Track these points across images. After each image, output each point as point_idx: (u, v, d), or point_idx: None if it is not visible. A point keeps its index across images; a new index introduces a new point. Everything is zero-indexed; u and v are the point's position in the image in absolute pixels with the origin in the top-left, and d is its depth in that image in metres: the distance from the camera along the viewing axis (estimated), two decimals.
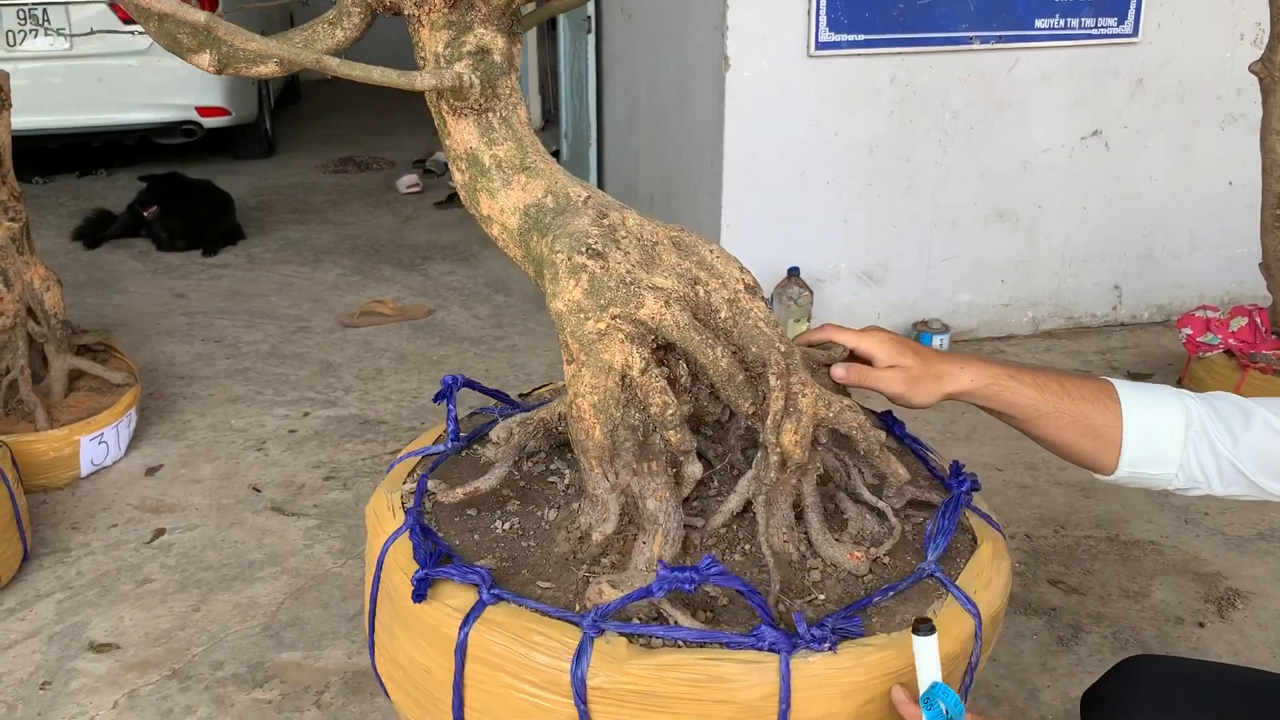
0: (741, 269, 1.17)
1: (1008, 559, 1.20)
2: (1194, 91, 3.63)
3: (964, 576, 1.13)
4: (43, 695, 1.99)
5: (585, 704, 0.97)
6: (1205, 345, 3.06)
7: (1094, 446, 1.21)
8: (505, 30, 1.17)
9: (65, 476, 2.74)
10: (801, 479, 1.13)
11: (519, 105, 1.21)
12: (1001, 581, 1.15)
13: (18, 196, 2.79)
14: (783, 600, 1.07)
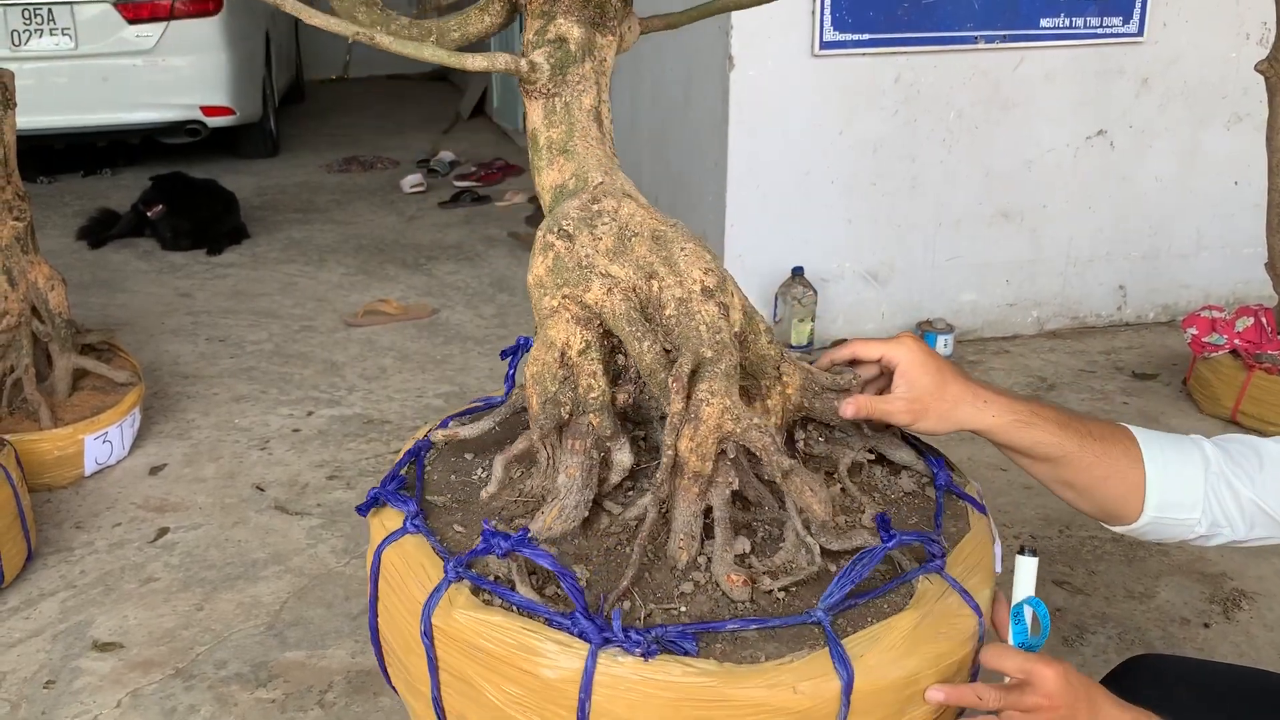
0: (706, 271, 1.15)
1: (945, 639, 1.03)
2: (1199, 91, 3.62)
3: (857, 638, 1.00)
4: (46, 694, 1.99)
5: (430, 639, 1.04)
6: (1211, 345, 3.05)
7: (1117, 491, 1.16)
8: (586, 22, 1.21)
9: (69, 475, 2.74)
10: (708, 490, 1.11)
11: (586, 93, 1.23)
12: (913, 664, 1.00)
13: (22, 196, 2.79)
14: (636, 600, 1.06)
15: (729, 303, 1.16)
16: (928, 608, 1.03)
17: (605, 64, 1.23)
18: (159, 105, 5.98)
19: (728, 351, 1.12)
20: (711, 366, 1.10)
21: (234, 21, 6.16)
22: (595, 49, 1.22)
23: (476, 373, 3.49)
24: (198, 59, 5.97)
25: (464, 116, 8.53)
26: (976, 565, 1.12)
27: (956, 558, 1.12)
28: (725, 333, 1.13)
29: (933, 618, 1.03)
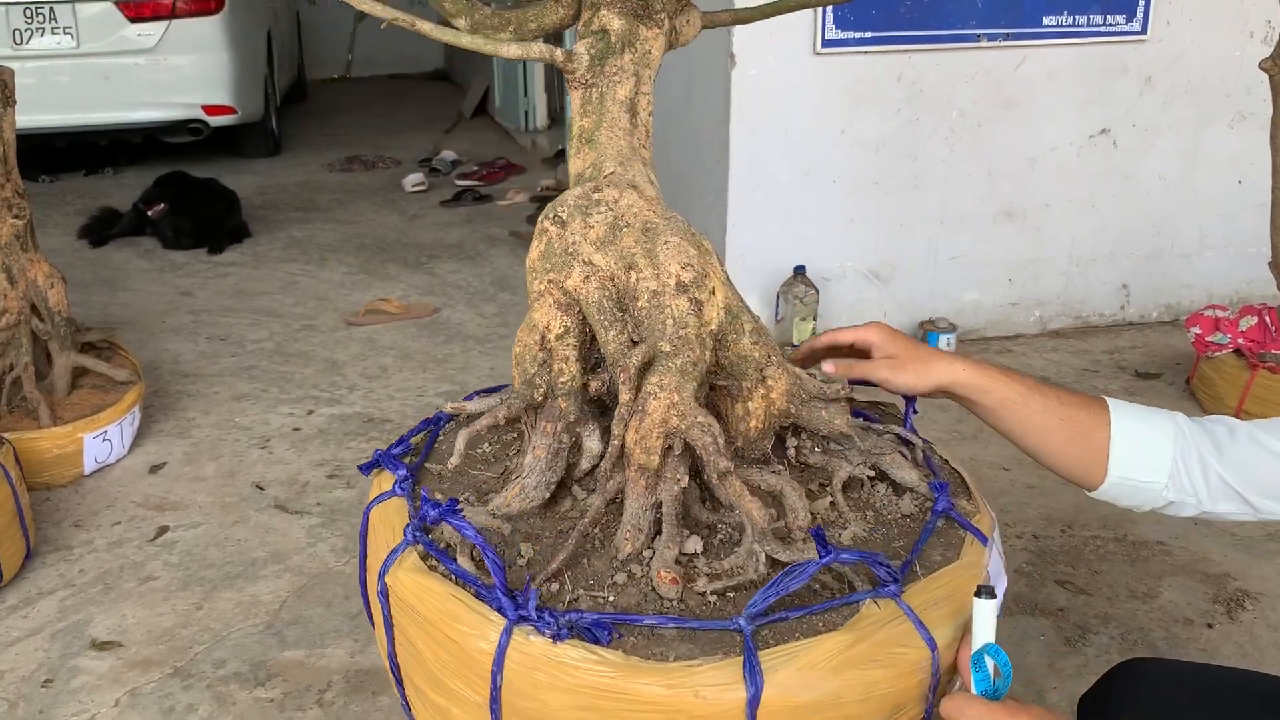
0: (684, 266, 1.15)
1: (881, 668, 0.99)
2: (1203, 89, 3.60)
3: (778, 651, 0.97)
4: (44, 693, 1.98)
5: (386, 598, 1.11)
6: (1214, 345, 3.04)
7: (1083, 452, 1.21)
8: (628, 14, 1.22)
9: (69, 474, 2.73)
10: (656, 484, 1.10)
11: (622, 84, 1.23)
12: (835, 687, 0.97)
13: (22, 194, 2.79)
14: (566, 583, 1.07)
15: (704, 299, 1.15)
16: (865, 632, 0.99)
17: (649, 57, 1.24)
18: (161, 104, 5.98)
19: (688, 347, 1.11)
20: (666, 361, 1.10)
21: (236, 20, 6.16)
22: (637, 41, 1.23)
23: (478, 371, 3.48)
24: (199, 58, 5.98)
25: (466, 116, 8.53)
26: (946, 598, 1.06)
27: (925, 587, 1.06)
28: (692, 329, 1.13)
29: (872, 644, 0.99)
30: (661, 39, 1.25)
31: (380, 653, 1.21)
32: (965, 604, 1.05)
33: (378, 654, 2.06)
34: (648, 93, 1.26)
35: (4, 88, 2.71)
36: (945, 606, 1.05)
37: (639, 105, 1.25)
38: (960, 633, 1.06)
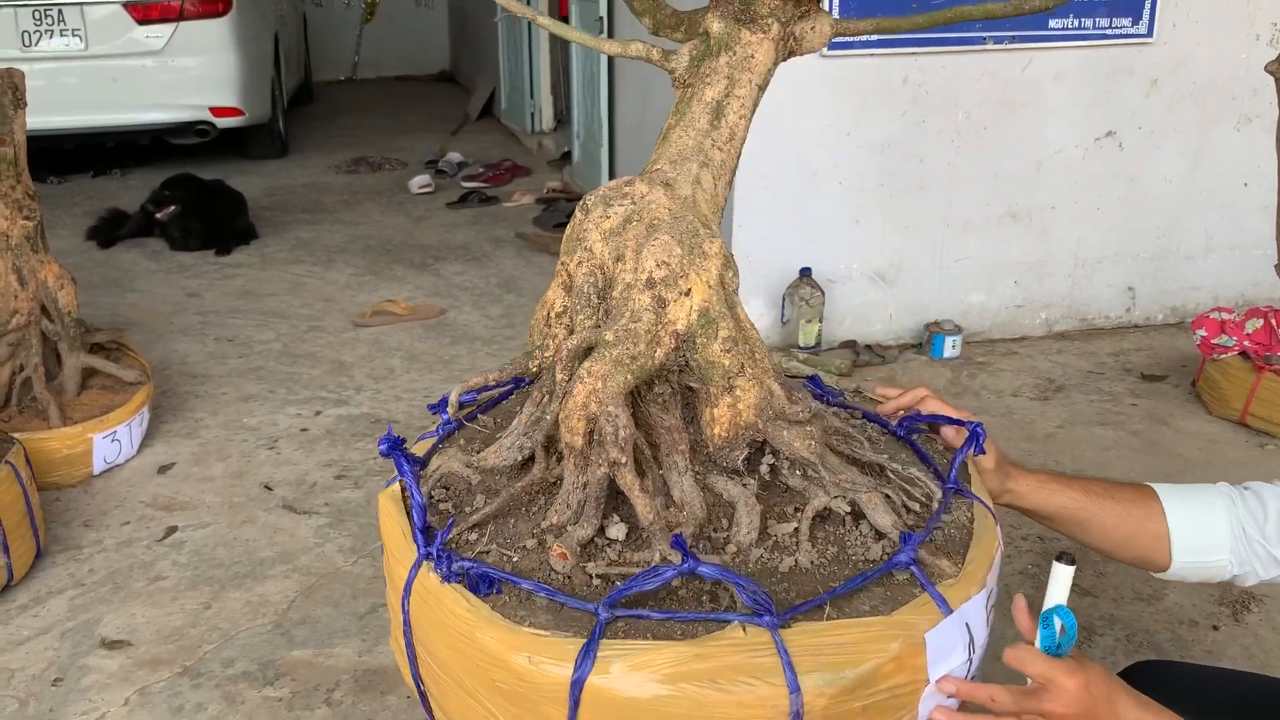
0: (659, 264, 1.16)
1: (723, 693, 0.98)
2: (1209, 92, 3.61)
3: (623, 644, 0.99)
4: (55, 691, 1.99)
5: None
6: (1220, 347, 3.04)
7: (1145, 544, 1.29)
8: (729, 17, 1.23)
9: (78, 474, 2.75)
10: (584, 469, 1.13)
11: (713, 86, 1.24)
12: (663, 693, 0.97)
13: (32, 195, 2.80)
14: (486, 535, 1.16)
15: (671, 298, 1.16)
16: (712, 653, 0.98)
17: (750, 61, 1.24)
18: (168, 106, 6.00)
19: (631, 341, 1.13)
20: (604, 349, 1.13)
21: (243, 22, 6.18)
22: (736, 45, 1.23)
23: (484, 372, 3.48)
24: (207, 60, 5.99)
25: (472, 118, 8.54)
26: (838, 648, 1.00)
27: (820, 630, 1.01)
28: (644, 324, 1.14)
29: (716, 665, 0.97)
30: (769, 45, 1.24)
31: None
32: (862, 661, 1.00)
33: (386, 654, 2.08)
34: (743, 96, 1.25)
35: (15, 90, 2.73)
36: (834, 656, 0.99)
37: (727, 108, 1.25)
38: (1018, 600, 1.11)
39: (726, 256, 1.20)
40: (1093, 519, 1.30)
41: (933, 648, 1.03)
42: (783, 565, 1.12)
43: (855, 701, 1.00)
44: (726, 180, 1.27)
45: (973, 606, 1.09)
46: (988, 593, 1.12)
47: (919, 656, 1.03)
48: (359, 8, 11.39)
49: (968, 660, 1.08)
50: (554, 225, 5.18)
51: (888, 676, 1.01)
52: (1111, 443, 2.95)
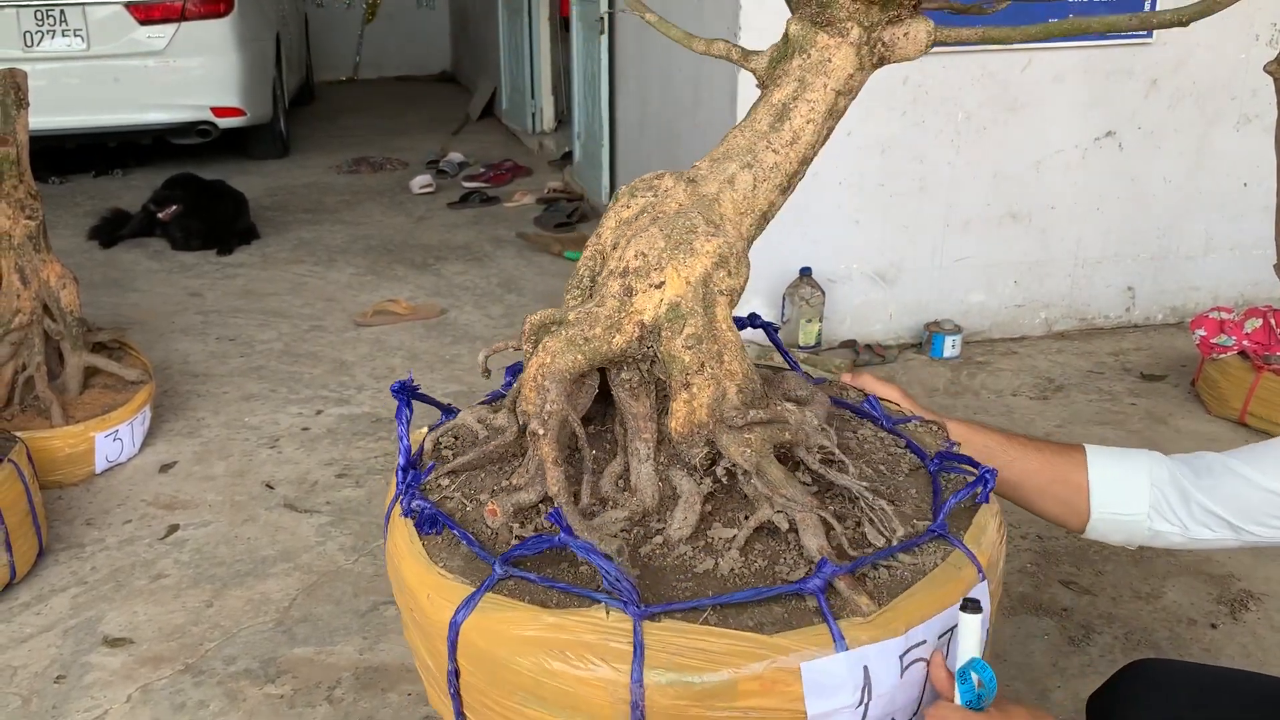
0: (638, 254, 1.19)
1: (569, 665, 1.02)
2: (1209, 92, 3.61)
3: (506, 602, 1.06)
4: (57, 688, 2.00)
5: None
6: (1219, 347, 3.05)
7: (1064, 493, 1.32)
8: (806, 20, 1.22)
9: (80, 473, 2.76)
10: (537, 441, 1.18)
11: (783, 88, 1.23)
12: (508, 650, 1.04)
13: (35, 195, 2.81)
14: (454, 484, 1.26)
15: (640, 289, 1.18)
16: (566, 627, 1.02)
17: (826, 65, 1.21)
18: (170, 106, 6.01)
19: (590, 323, 1.17)
20: (562, 328, 1.18)
21: (245, 23, 6.19)
22: (811, 48, 1.21)
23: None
24: (208, 60, 6.01)
25: (473, 118, 8.55)
26: (698, 654, 1.00)
27: (686, 634, 1.01)
28: (606, 309, 1.17)
29: (573, 640, 1.01)
30: (847, 49, 1.20)
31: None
32: (717, 670, 0.99)
33: (387, 651, 2.08)
34: (813, 101, 1.22)
35: (17, 90, 2.73)
36: (690, 660, 1.00)
37: (794, 111, 1.23)
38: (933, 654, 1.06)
39: (723, 257, 1.19)
40: (1014, 463, 1.33)
41: (811, 681, 0.99)
42: (701, 566, 1.11)
43: (707, 710, 0.99)
44: (776, 184, 1.25)
45: (877, 652, 1.02)
46: (908, 644, 1.04)
47: (794, 685, 0.99)
48: (360, 8, 11.40)
49: (859, 706, 1.02)
50: (555, 225, 5.19)
51: (749, 695, 0.99)
52: (1111, 442, 2.94)
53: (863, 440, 1.34)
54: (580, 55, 5.54)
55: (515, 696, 1.07)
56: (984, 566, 1.12)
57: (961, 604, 1.03)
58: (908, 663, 1.04)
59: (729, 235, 1.21)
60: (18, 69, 2.77)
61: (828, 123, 1.24)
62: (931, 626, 1.06)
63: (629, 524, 1.17)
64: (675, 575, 1.11)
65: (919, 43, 1.21)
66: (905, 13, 1.21)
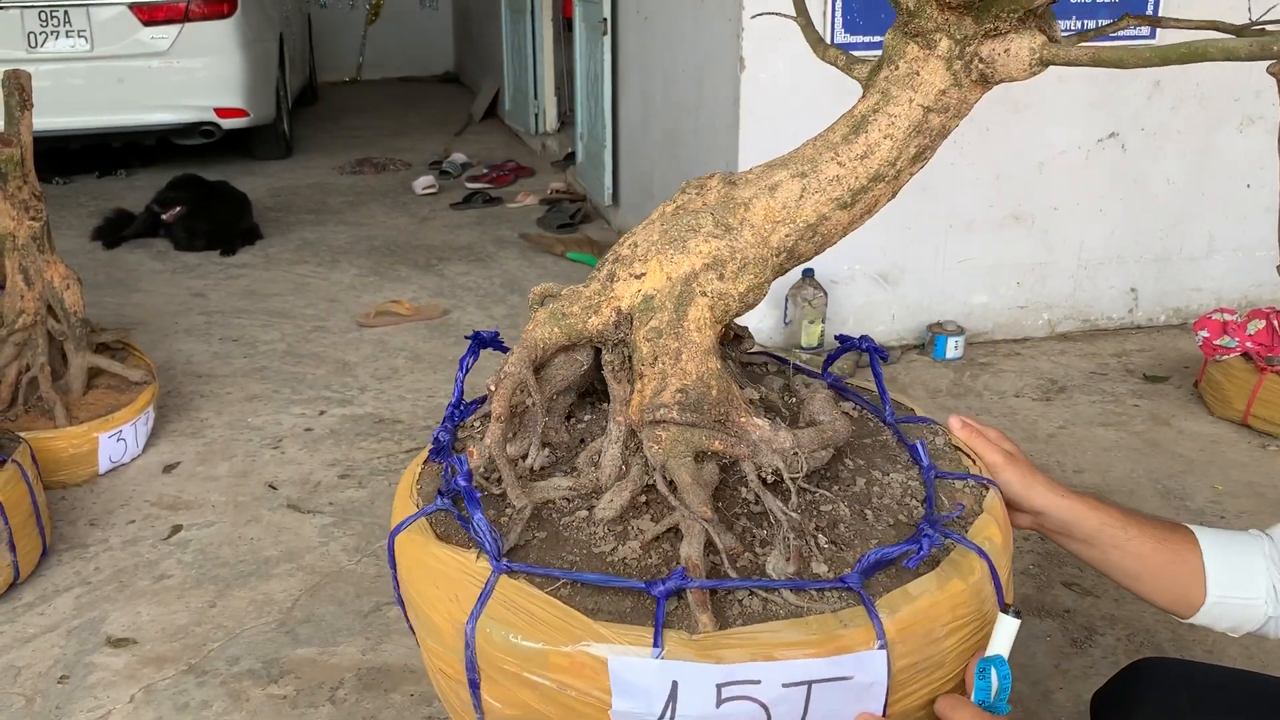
0: (630, 245, 1.23)
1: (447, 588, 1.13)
2: (1212, 94, 3.61)
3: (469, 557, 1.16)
4: (61, 689, 2.01)
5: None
6: (1222, 348, 3.05)
7: (1179, 577, 1.20)
8: (899, 30, 1.17)
9: (84, 473, 2.76)
10: (490, 396, 1.26)
11: (867, 98, 1.20)
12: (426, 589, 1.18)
13: (39, 196, 2.82)
14: (476, 439, 1.35)
15: (622, 276, 1.21)
16: (444, 559, 1.14)
17: (915, 79, 1.15)
18: (174, 107, 6.03)
19: (573, 300, 1.24)
20: (551, 302, 1.26)
21: (248, 24, 6.20)
22: (900, 59, 1.16)
23: (488, 373, 3.49)
24: (212, 61, 6.02)
25: (476, 118, 8.56)
26: (525, 616, 1.06)
27: (528, 597, 1.07)
28: (589, 290, 1.23)
29: (437, 570, 1.14)
30: (936, 63, 1.13)
31: None
32: (534, 638, 1.04)
33: (389, 652, 2.09)
34: (895, 115, 1.15)
35: (21, 91, 2.74)
36: (516, 620, 1.05)
37: (872, 124, 1.17)
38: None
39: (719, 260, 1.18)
40: (1129, 543, 1.21)
41: (617, 676, 1.00)
42: (601, 548, 1.14)
43: (521, 671, 1.05)
44: (832, 197, 1.19)
45: (690, 671, 1.00)
46: (729, 676, 1.01)
47: (603, 676, 1.01)
48: (363, 9, 11.42)
49: (662, 716, 1.02)
50: (558, 226, 5.19)
51: (558, 669, 1.02)
52: (1113, 443, 2.96)
53: (882, 484, 1.26)
54: (583, 56, 5.54)
55: (411, 611, 1.23)
56: (890, 635, 1.03)
57: (1003, 607, 1.05)
58: (728, 695, 1.01)
59: (740, 241, 1.20)
60: (22, 70, 2.78)
61: (915, 140, 1.16)
62: (776, 670, 1.01)
63: (572, 494, 1.22)
64: (573, 548, 1.15)
65: (1021, 61, 1.11)
66: (1007, 26, 1.10)
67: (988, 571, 1.12)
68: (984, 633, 1.10)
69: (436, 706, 1.94)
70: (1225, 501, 2.64)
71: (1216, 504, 2.63)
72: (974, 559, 1.12)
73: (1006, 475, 1.25)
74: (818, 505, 1.21)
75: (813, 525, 1.17)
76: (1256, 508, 2.61)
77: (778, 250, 1.22)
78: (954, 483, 1.26)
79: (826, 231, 1.23)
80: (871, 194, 1.21)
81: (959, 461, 1.31)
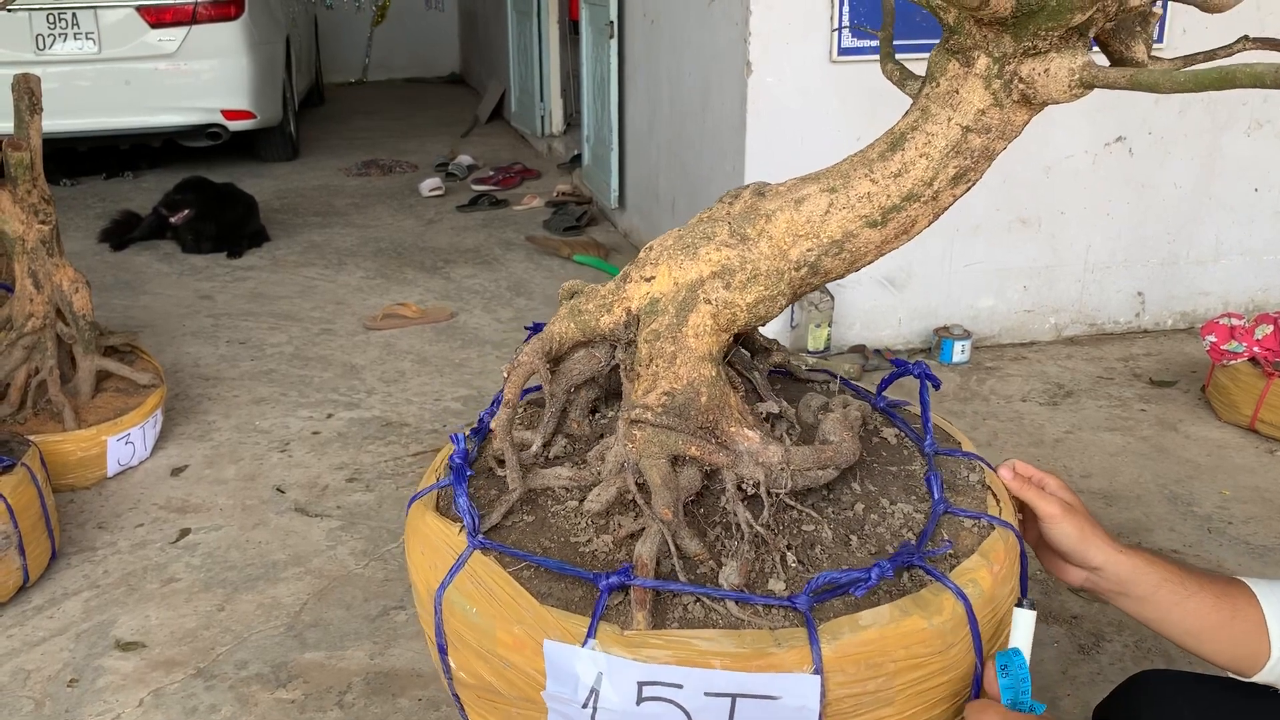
0: (650, 249, 1.26)
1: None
2: (1219, 97, 3.61)
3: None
4: (70, 692, 2.01)
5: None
6: (1229, 353, 3.04)
7: (1241, 631, 1.16)
8: (943, 46, 1.15)
9: (92, 476, 2.77)
10: (505, 382, 1.31)
11: (909, 115, 1.19)
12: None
13: (48, 199, 2.83)
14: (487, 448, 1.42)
15: (635, 278, 1.24)
16: (434, 529, 1.24)
17: (954, 97, 1.12)
18: (181, 109, 6.04)
19: (588, 298, 1.28)
20: (570, 300, 1.30)
21: (255, 26, 6.22)
22: (942, 76, 1.14)
23: (494, 376, 3.50)
24: (219, 63, 6.03)
25: (482, 120, 8.57)
26: (487, 596, 1.14)
27: (492, 578, 1.14)
28: (605, 290, 1.27)
29: (433, 543, 1.23)
30: (975, 81, 1.11)
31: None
32: (487, 616, 1.12)
33: (397, 656, 2.09)
34: (932, 133, 1.14)
35: (31, 95, 2.75)
36: (475, 597, 1.14)
37: (909, 142, 1.16)
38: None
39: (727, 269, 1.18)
40: (1189, 600, 1.15)
41: (551, 659, 1.06)
42: (578, 538, 1.20)
43: (475, 643, 1.13)
44: (860, 214, 1.17)
45: (614, 665, 1.02)
46: (650, 675, 1.02)
47: (539, 660, 1.07)
48: (369, 10, 11.43)
49: (585, 708, 1.04)
50: (564, 229, 5.20)
51: (505, 646, 1.10)
52: (1120, 448, 2.95)
53: (885, 512, 1.24)
54: (589, 58, 5.55)
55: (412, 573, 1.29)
56: (828, 662, 1.01)
57: (1018, 600, 1.07)
58: (649, 695, 1.02)
59: (754, 252, 1.20)
60: (31, 74, 2.78)
61: (954, 160, 1.13)
62: (699, 677, 1.01)
63: (571, 484, 1.26)
64: (552, 535, 1.21)
65: (1060, 82, 1.08)
66: (1047, 44, 1.06)
67: (964, 615, 1.08)
68: (948, 678, 1.08)
69: (445, 711, 1.94)
70: (1232, 507, 2.64)
71: (1224, 510, 2.62)
72: (947, 599, 1.08)
73: (1064, 527, 1.20)
74: (800, 524, 1.20)
75: (784, 542, 1.16)
76: (1264, 513, 2.60)
77: (797, 264, 1.20)
78: (963, 521, 1.22)
79: (855, 249, 1.19)
80: (906, 214, 1.17)
81: (983, 501, 1.26)
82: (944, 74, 1.13)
